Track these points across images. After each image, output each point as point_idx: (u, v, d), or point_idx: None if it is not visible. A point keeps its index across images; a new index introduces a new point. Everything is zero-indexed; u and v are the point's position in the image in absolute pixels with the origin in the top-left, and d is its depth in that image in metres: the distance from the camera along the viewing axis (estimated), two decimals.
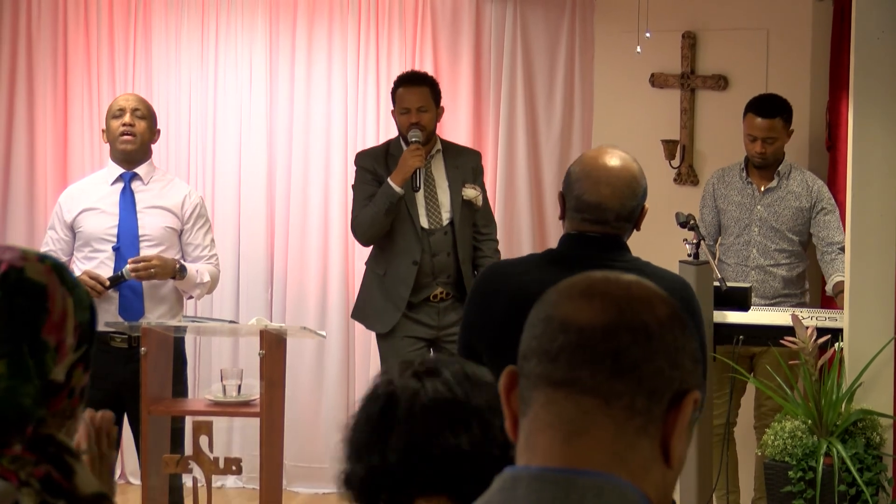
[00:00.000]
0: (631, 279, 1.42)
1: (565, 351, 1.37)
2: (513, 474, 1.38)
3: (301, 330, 5.31)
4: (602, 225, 3.10)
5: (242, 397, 4.96)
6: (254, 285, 6.82)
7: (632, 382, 1.36)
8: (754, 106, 5.79)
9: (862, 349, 4.84)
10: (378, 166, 5.71)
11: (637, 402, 1.36)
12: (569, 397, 1.36)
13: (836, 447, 4.67)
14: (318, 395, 6.76)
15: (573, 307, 1.39)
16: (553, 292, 1.43)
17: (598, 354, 1.36)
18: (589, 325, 1.37)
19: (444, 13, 6.78)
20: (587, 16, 6.67)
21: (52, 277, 1.71)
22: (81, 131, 6.90)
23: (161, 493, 4.86)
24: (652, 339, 1.37)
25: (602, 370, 1.36)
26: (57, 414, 1.68)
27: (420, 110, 5.67)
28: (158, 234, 5.16)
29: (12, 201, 6.87)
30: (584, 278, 1.42)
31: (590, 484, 1.34)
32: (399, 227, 5.66)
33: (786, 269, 5.81)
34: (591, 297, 1.39)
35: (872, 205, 4.89)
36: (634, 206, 3.13)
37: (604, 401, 1.36)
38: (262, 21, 6.85)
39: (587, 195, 3.10)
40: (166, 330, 4.97)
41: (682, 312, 1.42)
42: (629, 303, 1.38)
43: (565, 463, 1.36)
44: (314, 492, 6.76)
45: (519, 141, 6.66)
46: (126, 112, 5.26)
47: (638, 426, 1.36)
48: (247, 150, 6.84)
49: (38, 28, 6.90)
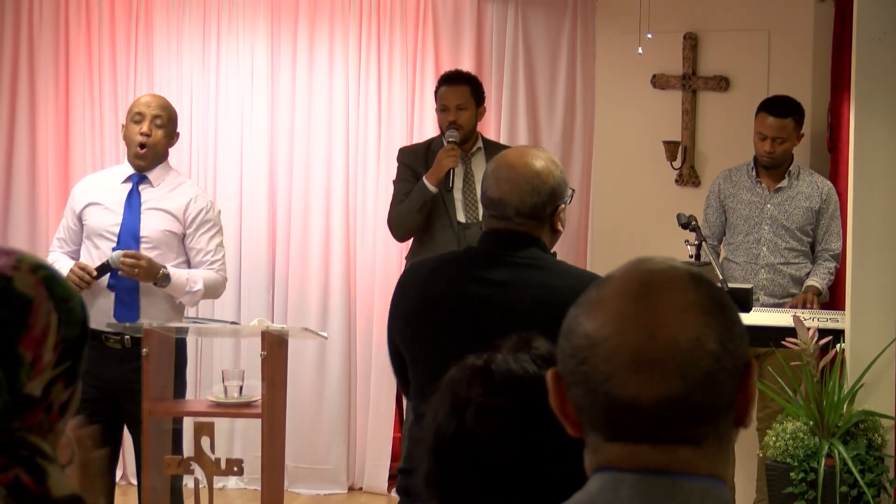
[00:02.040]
0: (664, 318, 1.37)
1: (639, 425, 1.36)
2: (615, 475, 1.37)
3: (303, 331, 5.30)
4: (505, 220, 3.13)
5: (244, 398, 4.95)
6: (255, 286, 6.82)
7: (713, 420, 1.38)
8: (767, 105, 5.82)
9: (863, 350, 4.84)
10: (417, 163, 5.84)
11: (721, 426, 1.39)
12: (655, 448, 1.37)
13: (837, 448, 4.66)
14: (320, 396, 6.76)
15: (633, 386, 1.35)
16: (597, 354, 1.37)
17: (678, 423, 1.36)
18: (658, 402, 1.35)
19: (446, 14, 6.78)
20: (588, 17, 6.67)
21: (41, 290, 1.67)
22: (83, 131, 6.90)
23: (162, 494, 4.85)
24: (716, 376, 1.37)
25: (683, 429, 1.37)
26: (33, 428, 1.64)
27: (459, 108, 5.80)
28: (157, 236, 5.13)
29: (14, 201, 6.87)
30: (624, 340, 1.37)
31: (694, 487, 1.36)
32: (437, 223, 5.79)
33: (795, 267, 5.83)
34: (647, 370, 1.35)
35: (874, 206, 4.89)
36: (536, 202, 3.13)
37: (695, 445, 1.38)
38: (264, 21, 6.85)
39: (490, 191, 3.16)
40: (167, 331, 4.96)
41: (713, 302, 1.40)
42: (684, 359, 1.35)
43: (667, 466, 1.36)
44: (316, 493, 6.76)
45: (520, 141, 6.65)
46: (145, 119, 5.16)
47: (724, 432, 1.40)
48: (248, 151, 6.84)
49: (40, 28, 6.91)
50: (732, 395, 1.39)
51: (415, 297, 3.17)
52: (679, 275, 1.41)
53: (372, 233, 6.68)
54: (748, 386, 1.40)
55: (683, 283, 1.40)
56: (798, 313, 5.09)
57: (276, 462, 4.94)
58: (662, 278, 1.40)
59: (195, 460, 4.70)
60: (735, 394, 1.39)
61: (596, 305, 1.41)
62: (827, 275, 5.81)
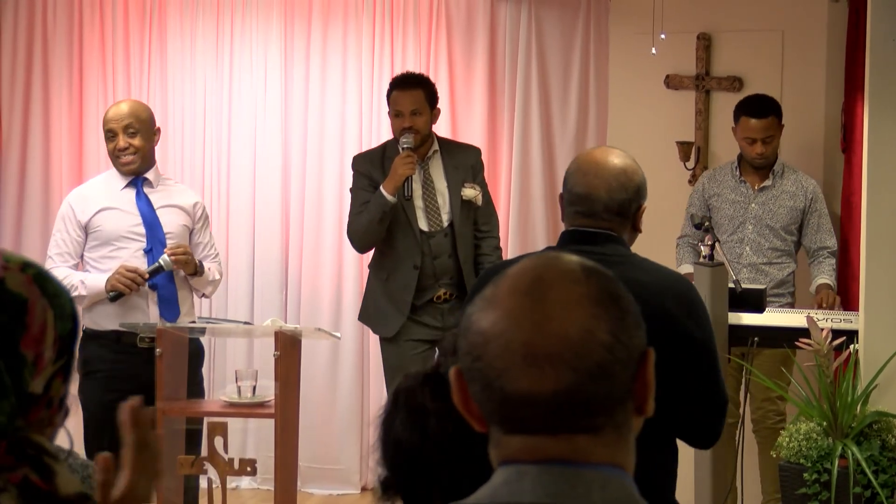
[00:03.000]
0: (554, 311, 1.38)
1: (535, 418, 1.38)
2: (518, 467, 1.39)
3: (316, 331, 5.32)
4: (592, 217, 3.13)
5: (257, 398, 4.96)
6: (268, 286, 6.83)
7: (609, 411, 1.39)
8: (747, 109, 5.82)
9: (877, 351, 4.83)
10: (374, 170, 5.64)
11: (618, 415, 1.40)
12: (553, 438, 1.39)
13: (851, 449, 4.65)
14: (333, 396, 6.77)
15: (526, 381, 1.37)
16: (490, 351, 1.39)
17: (570, 415, 1.38)
18: (551, 395, 1.37)
19: (459, 14, 6.78)
20: (602, 17, 6.66)
21: (33, 289, 1.66)
22: (97, 132, 6.89)
23: (176, 493, 4.87)
24: (608, 367, 1.38)
25: (579, 420, 1.38)
26: (34, 423, 1.64)
27: (413, 114, 5.59)
28: (178, 231, 5.19)
29: (28, 201, 6.89)
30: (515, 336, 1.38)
31: (595, 476, 1.38)
32: (398, 232, 5.60)
33: (777, 268, 5.83)
34: (538, 364, 1.37)
35: (888, 206, 4.87)
36: (625, 199, 3.14)
37: (593, 434, 1.39)
38: (277, 22, 6.86)
39: (577, 187, 3.15)
40: (181, 331, 4.97)
41: (604, 294, 1.41)
42: (575, 352, 1.37)
43: (568, 456, 1.38)
44: (329, 493, 6.76)
45: (534, 142, 6.66)
46: (118, 135, 5.16)
47: (622, 421, 1.41)
48: (262, 152, 6.85)
49: (54, 29, 6.92)
50: (629, 385, 1.40)
51: None
52: (570, 268, 1.42)
53: None
54: (645, 375, 1.41)
55: (574, 276, 1.41)
56: (812, 314, 5.08)
57: (289, 462, 4.95)
58: (553, 273, 1.42)
59: (208, 460, 4.71)
60: (632, 383, 1.40)
61: (490, 302, 1.42)
62: (832, 271, 5.80)
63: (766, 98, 5.88)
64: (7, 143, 6.94)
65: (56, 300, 1.68)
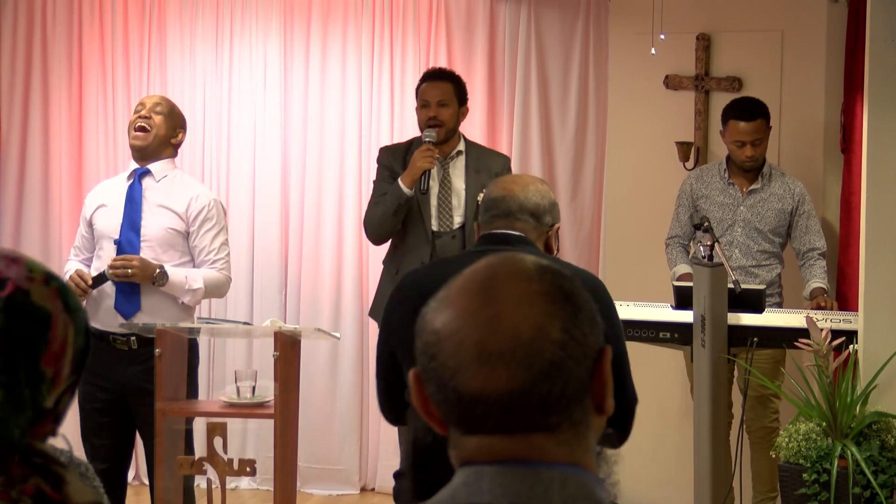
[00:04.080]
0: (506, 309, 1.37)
1: (490, 417, 1.37)
2: (476, 468, 1.38)
3: (315, 331, 5.30)
4: (507, 218, 3.18)
5: (257, 399, 4.96)
6: (268, 287, 6.83)
7: (564, 409, 1.38)
8: (736, 112, 5.82)
9: (877, 351, 4.83)
10: (395, 163, 5.61)
11: (574, 413, 1.39)
12: (510, 438, 1.38)
13: (850, 449, 4.66)
14: (333, 396, 6.77)
15: (479, 380, 1.36)
16: (444, 350, 1.38)
17: (525, 413, 1.37)
18: (505, 394, 1.36)
19: (459, 14, 6.78)
20: (601, 17, 6.66)
21: (57, 303, 1.63)
22: (96, 132, 6.92)
23: (175, 494, 4.86)
24: (562, 365, 1.37)
25: (534, 419, 1.37)
26: (38, 436, 1.62)
27: (440, 104, 5.56)
28: (159, 234, 5.11)
29: (27, 202, 6.90)
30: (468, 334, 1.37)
31: (553, 476, 1.37)
32: (411, 227, 5.57)
33: (766, 270, 5.83)
34: (490, 362, 1.36)
35: (887, 207, 4.88)
36: (540, 203, 3.19)
37: (549, 432, 1.38)
38: (277, 21, 6.87)
39: (493, 192, 3.22)
40: (180, 331, 4.97)
41: (557, 291, 1.40)
42: (527, 350, 1.36)
43: (526, 456, 1.37)
44: (328, 493, 6.76)
45: (533, 142, 6.66)
46: (145, 107, 5.24)
47: (579, 419, 1.40)
48: (261, 151, 6.85)
49: (53, 29, 6.93)
50: (585, 383, 1.39)
51: (414, 306, 3.16)
52: (523, 267, 1.42)
53: None
54: (602, 372, 1.41)
55: (527, 274, 1.40)
56: (811, 314, 5.08)
57: (289, 462, 4.95)
58: (506, 271, 1.41)
59: (208, 461, 4.71)
60: (589, 381, 1.40)
61: (443, 302, 1.42)
62: (824, 274, 5.80)
63: (754, 101, 5.88)
64: (6, 143, 6.94)
65: (76, 314, 1.66)
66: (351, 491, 6.78)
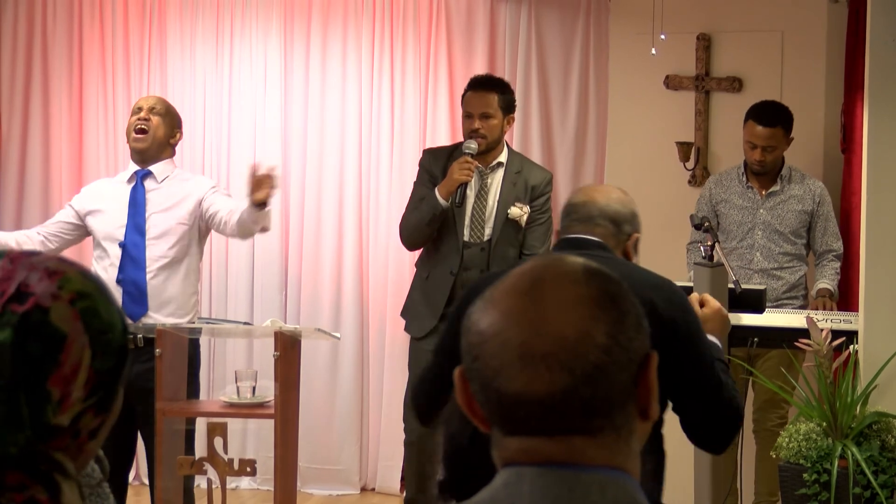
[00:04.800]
0: (551, 311, 1.37)
1: (531, 419, 1.37)
2: (517, 470, 1.38)
3: (315, 331, 5.31)
4: (586, 223, 3.17)
5: (257, 399, 4.96)
6: (268, 287, 6.83)
7: (607, 413, 1.38)
8: (755, 114, 5.80)
9: (877, 351, 4.83)
10: (436, 167, 5.56)
11: (617, 418, 1.39)
12: (551, 440, 1.38)
13: (850, 450, 4.66)
14: (333, 396, 6.77)
15: (521, 381, 1.36)
16: (487, 351, 1.38)
17: (566, 416, 1.37)
18: (546, 396, 1.36)
19: (459, 14, 6.78)
20: (602, 18, 6.66)
21: (77, 325, 1.56)
22: (96, 132, 6.92)
23: (175, 494, 4.87)
24: (606, 369, 1.37)
25: (575, 421, 1.37)
26: (60, 450, 1.57)
27: (483, 117, 5.48)
28: (167, 232, 5.16)
29: (28, 201, 6.90)
30: (512, 335, 1.37)
31: (594, 479, 1.37)
32: (444, 235, 5.55)
33: (789, 272, 5.82)
34: (534, 364, 1.36)
35: (887, 207, 4.88)
36: (621, 211, 3.19)
37: (590, 436, 1.38)
38: (277, 22, 6.86)
39: (575, 198, 3.24)
40: (180, 331, 4.97)
41: (603, 295, 1.39)
42: (571, 353, 1.36)
43: (566, 458, 1.37)
44: (328, 493, 6.76)
45: (533, 142, 6.65)
46: (143, 109, 5.27)
47: (622, 424, 1.39)
48: (261, 152, 6.85)
49: (54, 29, 6.93)
50: (629, 388, 1.39)
51: None
52: (571, 269, 1.41)
53: (385, 233, 6.67)
54: (648, 379, 1.40)
55: (575, 277, 1.40)
56: (812, 314, 5.09)
57: (289, 462, 4.95)
58: (553, 273, 1.41)
59: (208, 461, 4.71)
60: (633, 387, 1.39)
61: (490, 303, 1.41)
62: (835, 275, 5.80)
63: (777, 107, 5.84)
64: (7, 143, 6.94)
65: (101, 337, 1.59)
66: (351, 491, 6.78)
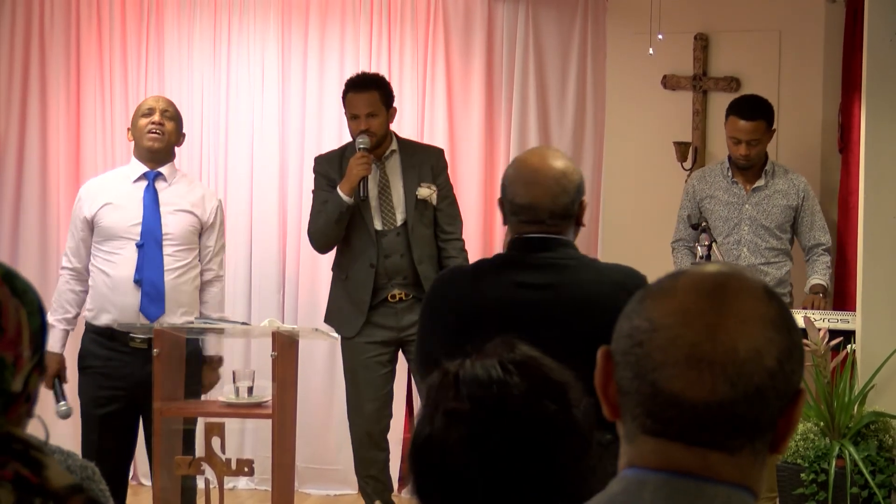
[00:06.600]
0: (731, 321, 1.34)
1: (679, 422, 1.34)
2: (640, 476, 1.36)
3: (313, 331, 5.31)
4: (538, 224, 3.17)
5: (254, 399, 4.96)
6: (266, 287, 6.83)
7: (751, 436, 1.36)
8: (737, 108, 5.80)
9: (874, 351, 4.84)
10: (332, 171, 5.62)
11: (757, 443, 1.36)
12: (687, 448, 1.35)
13: (848, 449, 4.66)
14: (330, 396, 6.76)
15: (682, 381, 1.33)
16: (655, 341, 1.35)
17: (715, 428, 1.34)
18: (702, 403, 1.33)
19: (457, 14, 6.78)
20: (599, 17, 6.66)
21: (4, 290, 1.63)
22: (94, 131, 6.91)
23: (173, 493, 4.86)
24: (766, 394, 1.34)
25: (720, 436, 1.34)
26: (13, 420, 1.63)
27: (369, 116, 5.54)
28: (182, 234, 5.18)
29: (25, 200, 6.89)
30: (685, 333, 1.34)
31: (718, 492, 1.34)
32: (355, 231, 5.59)
33: (775, 267, 5.83)
34: (699, 368, 1.33)
35: (885, 206, 4.88)
36: (567, 202, 3.18)
37: (728, 453, 1.35)
38: (275, 22, 6.86)
39: (518, 197, 3.18)
40: (178, 331, 4.97)
41: (782, 321, 1.36)
42: (738, 368, 1.33)
43: (698, 471, 1.34)
44: (326, 493, 6.76)
45: (531, 142, 6.65)
46: (156, 111, 5.26)
47: (760, 449, 1.37)
48: (259, 152, 6.85)
49: (51, 29, 6.92)
50: (776, 417, 1.36)
51: (459, 310, 3.18)
52: (755, 285, 1.38)
53: None
54: (793, 414, 1.37)
55: (758, 293, 1.37)
56: (809, 314, 5.09)
57: (287, 462, 4.95)
58: (737, 283, 1.38)
59: (206, 460, 4.70)
60: (778, 417, 1.37)
61: (667, 293, 1.38)
62: (826, 270, 5.80)
63: (758, 100, 5.86)
64: (4, 144, 6.94)
65: (25, 297, 1.66)
66: (348, 491, 6.77)
